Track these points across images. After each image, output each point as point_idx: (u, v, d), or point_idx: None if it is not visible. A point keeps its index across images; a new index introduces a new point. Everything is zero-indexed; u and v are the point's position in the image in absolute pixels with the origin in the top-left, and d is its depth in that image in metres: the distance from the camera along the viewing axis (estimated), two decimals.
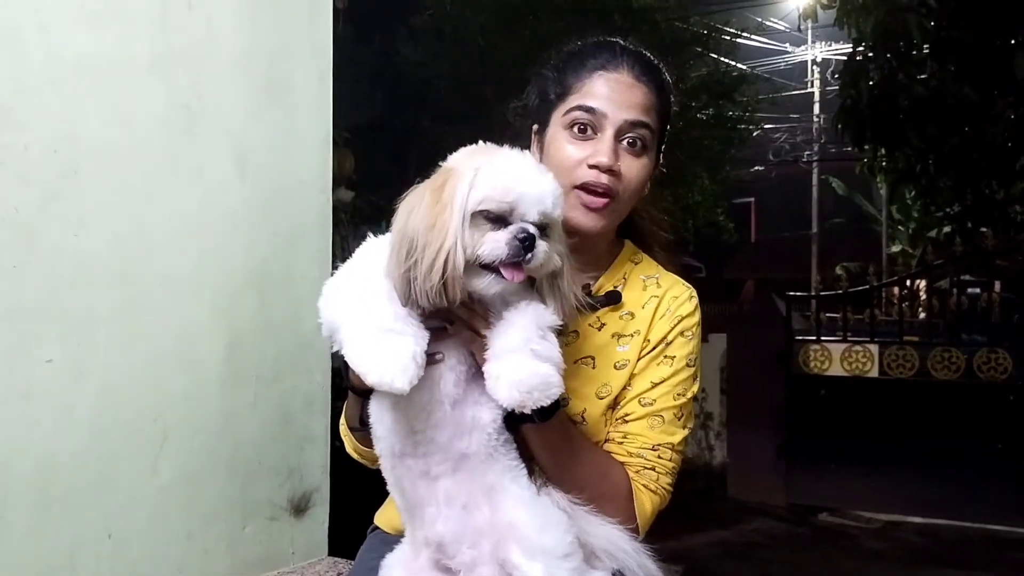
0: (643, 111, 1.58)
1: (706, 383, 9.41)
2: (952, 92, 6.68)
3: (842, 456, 7.83)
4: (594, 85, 1.58)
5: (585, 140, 1.57)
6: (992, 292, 8.11)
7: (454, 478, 1.39)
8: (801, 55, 21.22)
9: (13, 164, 1.79)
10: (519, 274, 1.31)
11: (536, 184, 1.34)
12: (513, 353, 1.32)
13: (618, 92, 1.57)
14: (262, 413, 2.29)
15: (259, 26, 2.29)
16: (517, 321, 1.35)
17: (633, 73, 1.59)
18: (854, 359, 7.98)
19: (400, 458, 1.42)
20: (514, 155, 1.39)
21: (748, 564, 6.57)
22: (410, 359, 1.26)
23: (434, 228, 1.29)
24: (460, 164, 1.36)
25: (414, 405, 1.37)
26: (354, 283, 1.38)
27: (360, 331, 1.30)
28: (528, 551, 1.34)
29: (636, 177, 1.59)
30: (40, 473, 1.84)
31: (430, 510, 1.40)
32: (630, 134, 1.57)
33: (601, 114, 1.56)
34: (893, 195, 12.78)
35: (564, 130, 1.58)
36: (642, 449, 1.58)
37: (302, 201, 2.42)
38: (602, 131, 1.56)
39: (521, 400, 1.29)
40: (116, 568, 1.97)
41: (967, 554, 6.86)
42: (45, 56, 1.85)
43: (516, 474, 1.41)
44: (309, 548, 2.43)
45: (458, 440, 1.38)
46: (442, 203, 1.31)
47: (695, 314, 1.66)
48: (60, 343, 1.87)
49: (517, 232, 1.31)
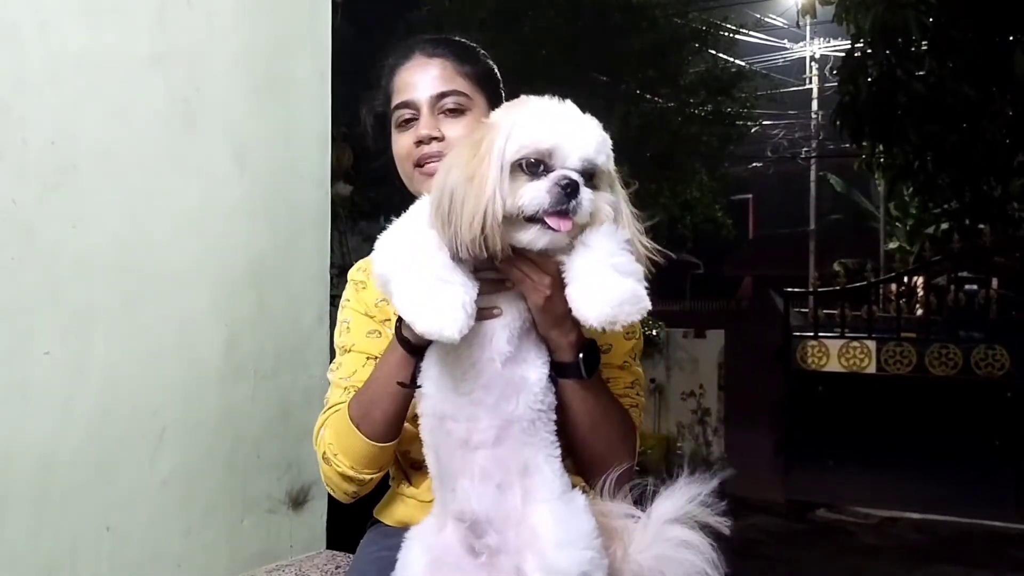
0: (445, 81, 1.67)
1: (704, 379, 9.41)
2: (951, 89, 6.68)
3: (840, 452, 7.84)
4: (399, 80, 1.70)
5: (410, 130, 1.67)
6: (990, 289, 8.13)
7: (493, 451, 1.35)
8: (800, 51, 21.21)
9: (12, 158, 1.79)
10: (565, 222, 1.27)
11: (575, 129, 1.31)
12: (594, 271, 1.28)
13: (416, 75, 1.68)
14: (261, 407, 2.29)
15: (258, 21, 2.30)
16: (590, 242, 1.31)
17: (424, 54, 1.70)
18: (852, 355, 8.00)
19: (441, 420, 1.38)
20: (552, 103, 1.36)
21: (745, 560, 6.58)
22: (460, 308, 1.24)
23: (472, 180, 1.27)
24: (499, 118, 1.35)
25: (465, 361, 1.35)
26: (405, 236, 1.36)
27: (410, 281, 1.28)
28: (543, 568, 1.31)
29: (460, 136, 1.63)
30: (39, 467, 1.84)
31: (464, 483, 1.37)
32: (441, 104, 1.66)
33: (413, 102, 1.66)
34: (891, 192, 12.79)
35: (395, 130, 1.70)
36: (625, 389, 1.64)
37: (301, 195, 2.42)
38: (420, 113, 1.67)
39: (613, 315, 1.25)
40: (115, 562, 1.97)
41: (965, 550, 6.87)
42: (44, 51, 1.85)
43: (551, 451, 1.39)
44: (307, 541, 2.43)
45: (505, 402, 1.35)
46: (480, 155, 1.29)
47: None
48: (58, 337, 1.87)
49: (558, 179, 1.27)
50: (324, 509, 2.47)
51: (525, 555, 1.32)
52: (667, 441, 9.59)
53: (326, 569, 2.32)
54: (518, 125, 1.31)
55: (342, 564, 2.33)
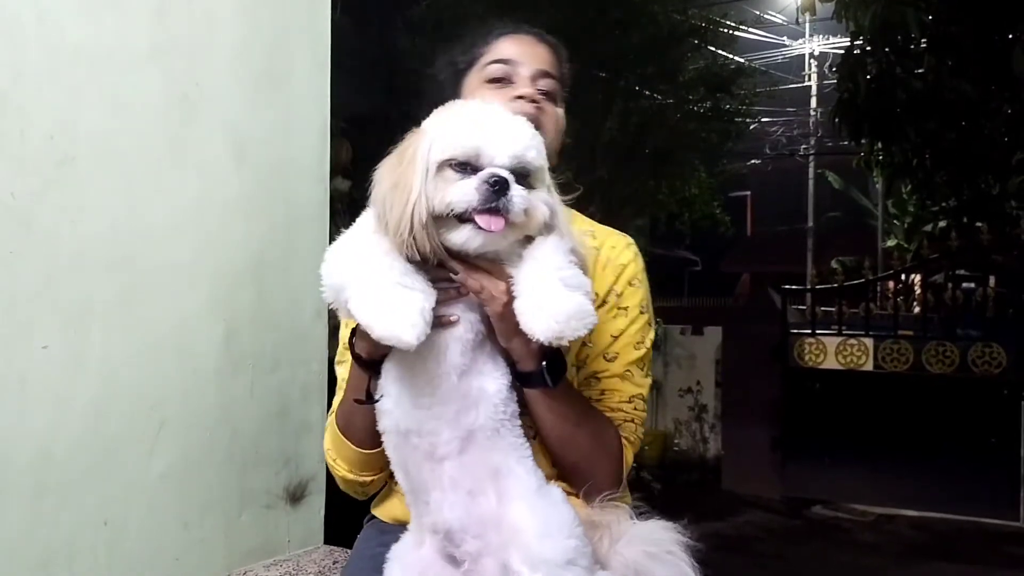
0: (550, 65, 1.66)
1: (701, 376, 9.44)
2: (949, 87, 6.69)
3: (836, 449, 7.85)
4: (501, 45, 1.65)
5: (503, 88, 1.61)
6: (987, 287, 8.12)
7: (460, 460, 1.36)
8: (799, 48, 21.19)
9: (10, 151, 1.78)
10: (497, 220, 1.26)
11: (501, 128, 1.31)
12: (541, 286, 1.28)
13: (525, 47, 1.65)
14: (259, 402, 2.29)
15: (257, 15, 2.29)
16: (537, 255, 1.31)
17: (533, 35, 1.69)
18: (849, 353, 8.00)
19: (405, 436, 1.38)
20: (477, 104, 1.40)
21: (742, 556, 6.59)
22: (418, 313, 1.23)
23: (397, 186, 1.28)
24: (426, 124, 1.37)
25: (420, 376, 1.35)
26: (359, 244, 1.35)
27: (368, 286, 1.26)
28: (530, 561, 1.30)
29: (553, 121, 1.63)
30: (36, 461, 1.84)
31: (435, 495, 1.37)
32: (542, 82, 1.63)
33: (516, 62, 1.62)
34: (889, 189, 12.82)
35: (481, 86, 1.63)
36: (621, 403, 1.61)
37: (300, 190, 2.42)
38: (518, 75, 1.62)
39: (560, 331, 1.25)
40: (113, 556, 1.97)
41: (961, 547, 6.90)
42: (43, 44, 1.84)
43: (522, 454, 1.39)
44: (305, 536, 2.43)
45: (464, 414, 1.35)
46: (405, 161, 1.30)
47: (637, 260, 1.68)
48: (57, 330, 1.87)
49: (487, 177, 1.26)
50: (322, 504, 2.48)
51: (509, 551, 1.32)
52: (664, 438, 9.62)
53: (323, 564, 2.32)
54: (444, 127, 1.32)
55: (339, 559, 2.33)
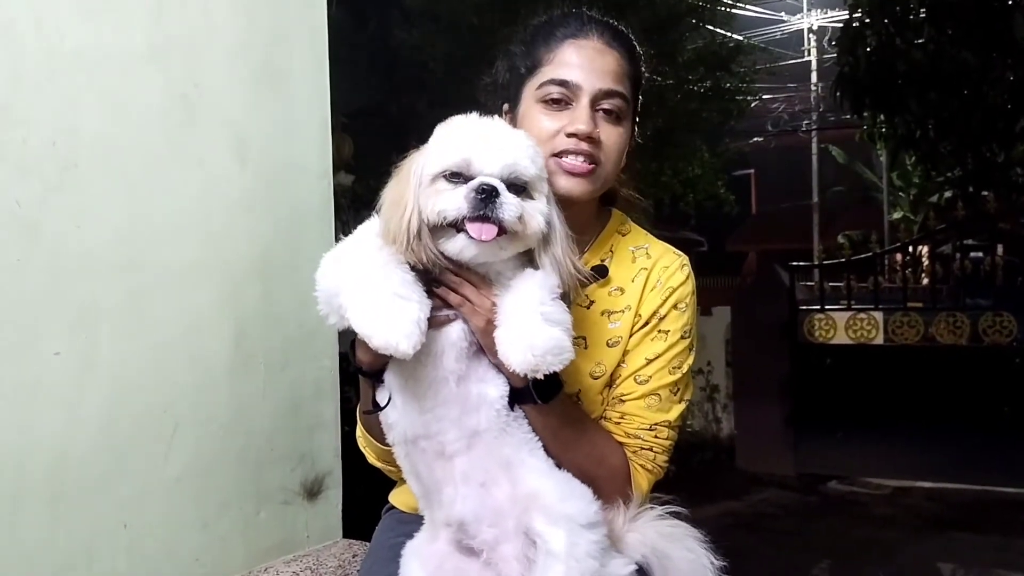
0: (616, 79, 1.55)
1: (712, 356, 9.42)
2: (950, 56, 6.64)
3: (850, 424, 7.85)
4: (564, 54, 1.55)
5: (560, 111, 1.54)
6: (995, 256, 8.10)
7: (469, 455, 1.38)
8: (797, 23, 21.12)
9: (13, 158, 1.78)
10: (488, 229, 1.28)
11: (492, 139, 1.33)
12: (522, 318, 1.30)
13: (589, 59, 1.54)
14: (271, 400, 2.29)
15: (255, 13, 2.28)
16: (522, 287, 1.33)
17: (603, 39, 1.57)
18: (859, 327, 7.99)
19: (414, 442, 1.41)
20: (472, 118, 1.39)
21: (758, 534, 6.60)
22: (413, 323, 1.26)
23: (396, 202, 1.33)
24: (427, 142, 1.39)
25: (421, 383, 1.37)
26: (359, 252, 1.37)
27: (366, 296, 1.29)
28: (551, 518, 1.33)
29: (615, 144, 1.56)
30: (52, 467, 1.85)
31: (448, 490, 1.39)
32: (605, 103, 1.54)
33: (575, 86, 1.53)
34: (893, 162, 12.74)
35: (537, 104, 1.55)
36: (639, 430, 1.57)
37: (303, 187, 2.42)
38: (577, 101, 1.53)
39: (535, 364, 1.27)
40: (133, 558, 1.98)
41: (977, 517, 6.89)
42: (42, 49, 1.84)
43: (533, 447, 1.41)
44: (324, 531, 2.44)
45: (467, 417, 1.37)
46: (403, 175, 1.35)
47: (687, 283, 1.62)
48: (67, 336, 1.87)
49: (476, 186, 1.28)
50: (339, 499, 2.48)
51: (531, 515, 1.35)
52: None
53: (343, 558, 2.33)
54: (437, 141, 1.35)
55: (359, 552, 2.34)
